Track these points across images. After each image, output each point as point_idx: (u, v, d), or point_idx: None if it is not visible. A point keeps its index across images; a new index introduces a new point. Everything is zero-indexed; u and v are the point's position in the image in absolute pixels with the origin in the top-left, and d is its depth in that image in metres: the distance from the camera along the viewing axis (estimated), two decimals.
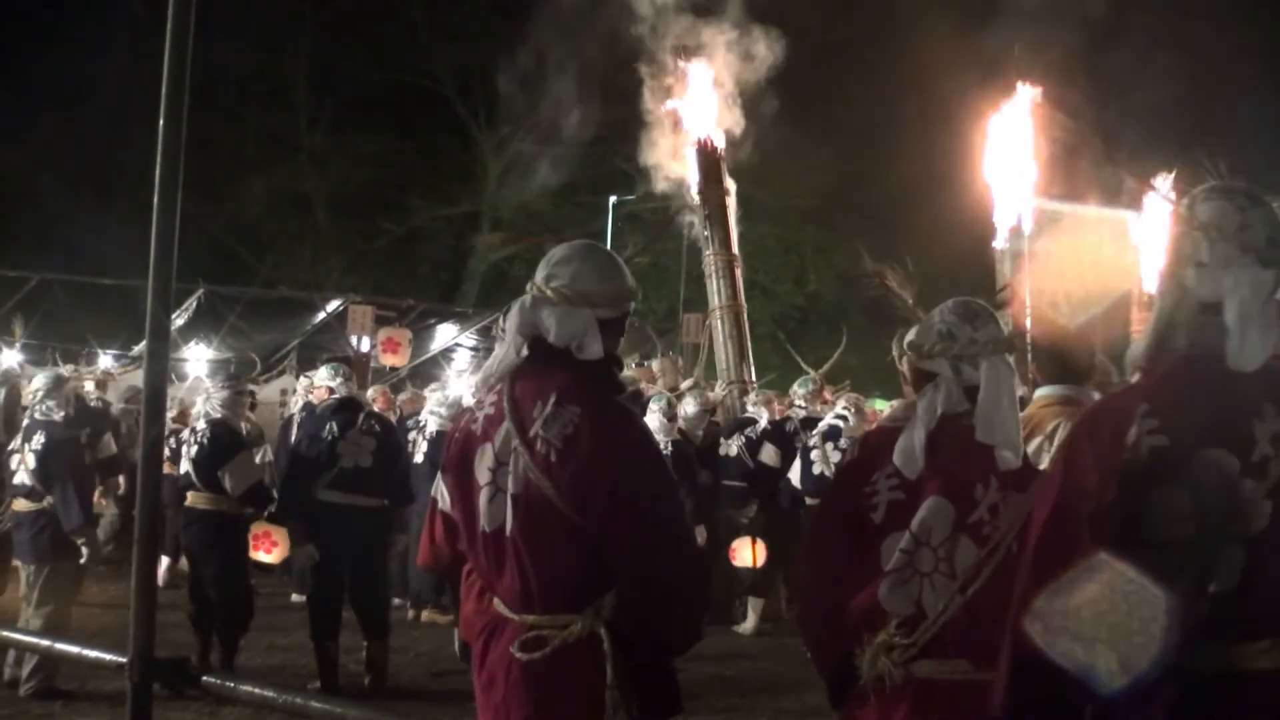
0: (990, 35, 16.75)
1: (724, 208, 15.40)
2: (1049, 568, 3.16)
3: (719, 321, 15.20)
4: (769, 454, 12.94)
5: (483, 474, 4.07)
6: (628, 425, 4.05)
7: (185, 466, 10.28)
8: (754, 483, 12.99)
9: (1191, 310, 3.20)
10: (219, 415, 10.25)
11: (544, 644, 3.89)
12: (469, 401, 4.56)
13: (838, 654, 3.80)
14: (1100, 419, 3.27)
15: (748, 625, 12.60)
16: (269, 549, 10.73)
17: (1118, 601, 3.07)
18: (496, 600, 4.07)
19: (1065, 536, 3.19)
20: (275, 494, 10.68)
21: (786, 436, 13.08)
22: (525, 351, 4.12)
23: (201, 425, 10.27)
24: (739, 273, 15.40)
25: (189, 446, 10.30)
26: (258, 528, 10.60)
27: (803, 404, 13.41)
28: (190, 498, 10.23)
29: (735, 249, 15.47)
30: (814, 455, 12.26)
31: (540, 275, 4.14)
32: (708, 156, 15.54)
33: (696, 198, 15.76)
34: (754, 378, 15.72)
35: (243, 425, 10.84)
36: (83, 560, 9.50)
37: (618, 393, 4.15)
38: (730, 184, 15.98)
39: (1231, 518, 3.03)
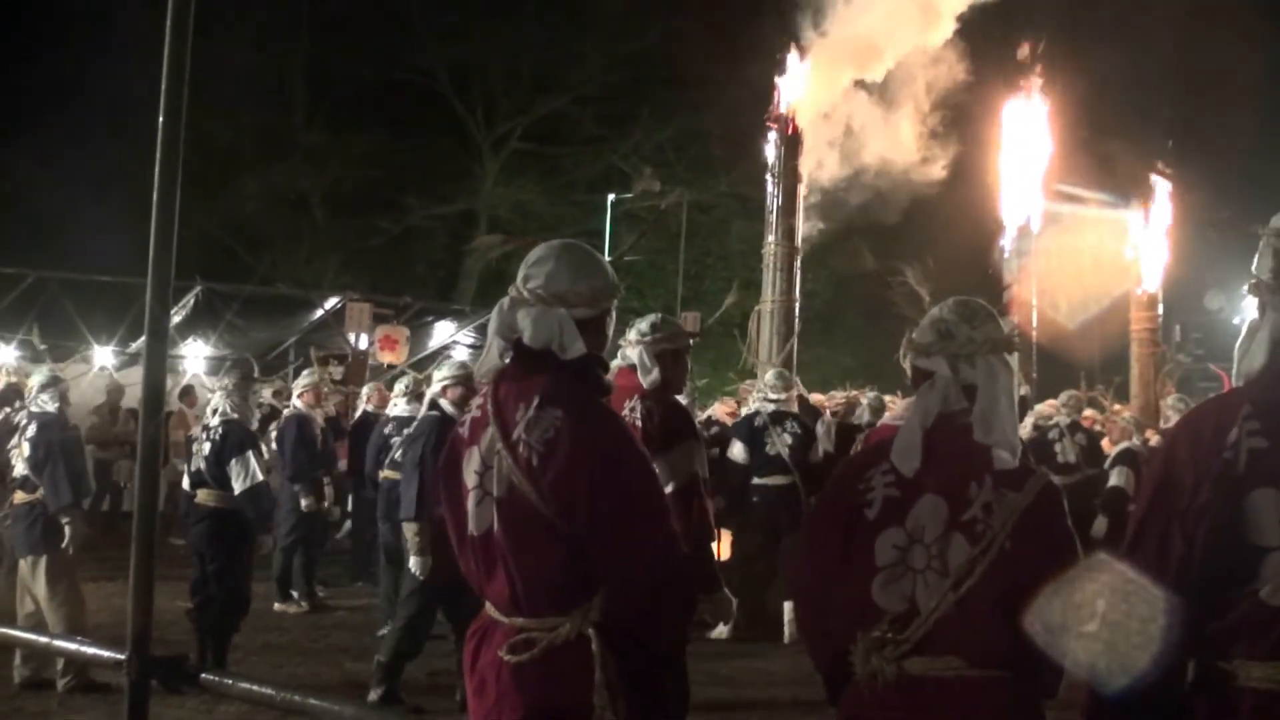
0: (997, 31, 16.73)
1: (794, 196, 15.08)
2: (1140, 564, 3.17)
3: (769, 316, 15.00)
4: (738, 451, 12.74)
5: (470, 477, 4.07)
6: (609, 428, 4.04)
7: (197, 463, 10.35)
8: (721, 479, 12.73)
9: None
10: (234, 414, 10.29)
11: (532, 646, 3.89)
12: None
13: (832, 650, 3.80)
14: (1203, 418, 3.27)
15: (721, 631, 11.97)
16: None
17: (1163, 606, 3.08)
18: (487, 604, 4.08)
19: (1158, 534, 3.20)
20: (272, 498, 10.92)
21: (755, 432, 12.80)
22: (509, 354, 4.12)
23: (214, 423, 10.33)
24: (798, 266, 15.16)
25: (200, 443, 10.39)
26: None
27: (774, 396, 13.12)
28: (200, 494, 10.29)
29: (799, 241, 15.23)
30: (765, 438, 12.62)
31: (519, 277, 4.14)
32: (787, 139, 15.25)
33: (769, 180, 15.47)
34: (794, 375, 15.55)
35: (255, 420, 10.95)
36: (65, 543, 9.58)
37: (601, 394, 4.15)
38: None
39: None
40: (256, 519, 10.27)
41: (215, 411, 10.46)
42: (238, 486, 10.01)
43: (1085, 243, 18.83)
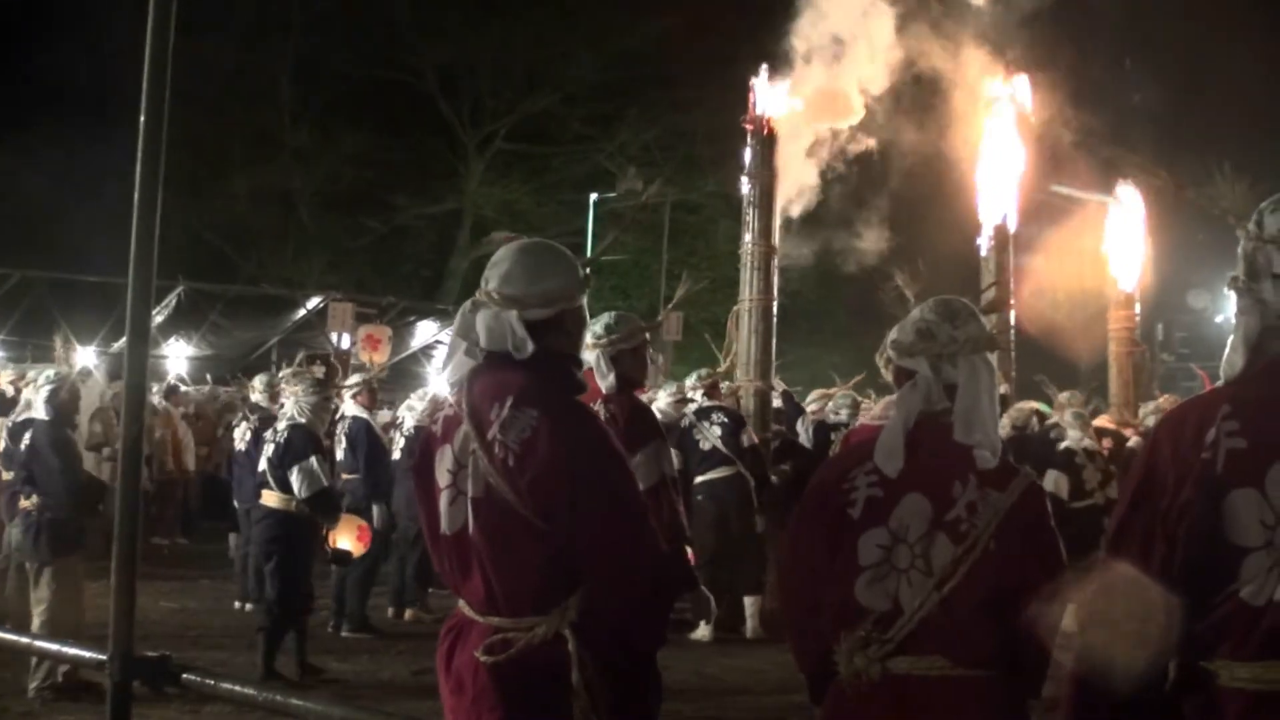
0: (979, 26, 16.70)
1: (771, 195, 15.07)
2: (1118, 565, 3.17)
3: (747, 315, 15.01)
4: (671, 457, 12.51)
5: (443, 476, 4.06)
6: (586, 427, 4.03)
7: (262, 465, 10.64)
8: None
9: (1272, 323, 3.20)
10: (302, 419, 10.49)
11: (509, 647, 3.87)
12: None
13: (817, 650, 3.80)
14: (1184, 417, 3.26)
15: (703, 632, 11.89)
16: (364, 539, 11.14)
17: (1149, 605, 3.08)
18: (462, 603, 4.07)
19: (1140, 534, 3.19)
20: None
21: (685, 433, 12.70)
22: (477, 354, 4.10)
23: (281, 426, 10.56)
24: (775, 265, 15.16)
25: (266, 445, 10.65)
26: (350, 519, 11.00)
27: (693, 396, 13.18)
28: (264, 495, 10.56)
29: (776, 240, 15.23)
30: (696, 435, 12.67)
31: (483, 278, 4.15)
32: (763, 140, 15.25)
33: (745, 181, 15.46)
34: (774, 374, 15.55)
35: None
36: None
37: (575, 392, 4.14)
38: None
39: None
40: (326, 519, 10.52)
41: (284, 415, 10.69)
42: (303, 493, 10.18)
43: (1070, 242, 18.82)
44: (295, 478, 10.16)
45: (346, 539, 10.76)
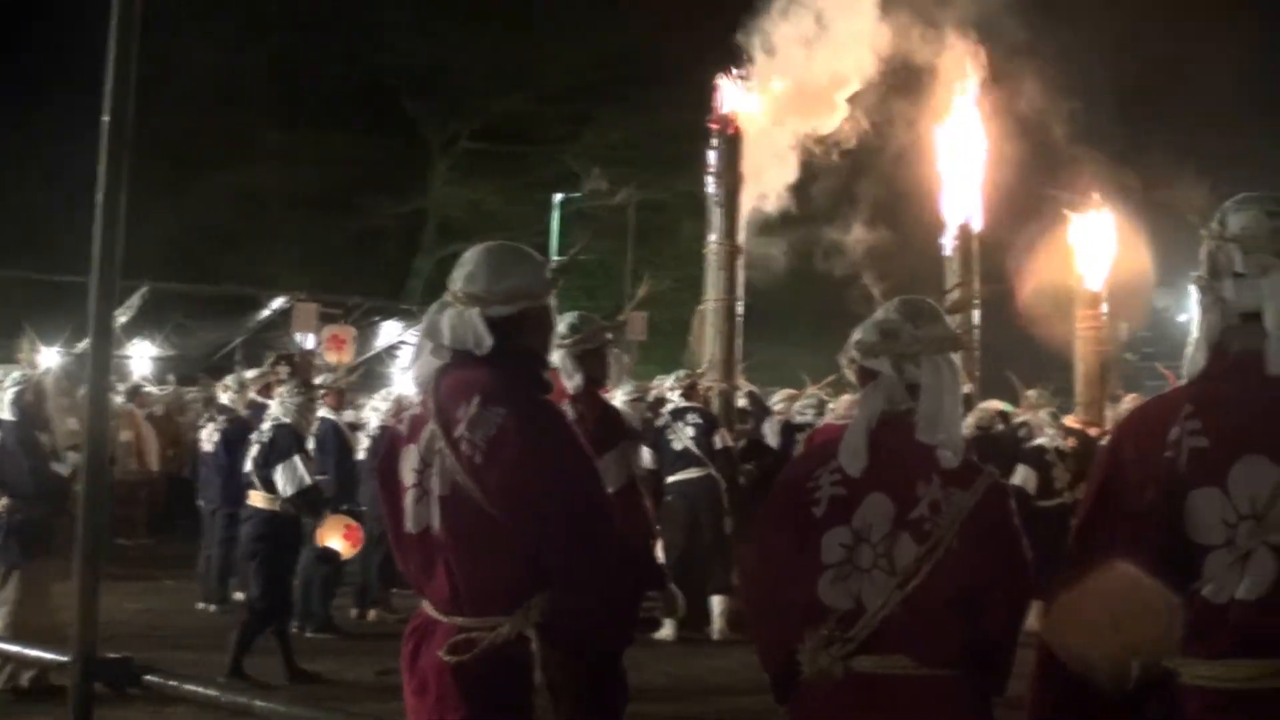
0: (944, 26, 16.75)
1: (736, 195, 15.08)
2: (1084, 564, 3.18)
3: (711, 315, 15.01)
4: (645, 456, 12.36)
5: (407, 475, 4.06)
6: (553, 426, 4.04)
7: (248, 465, 10.71)
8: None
9: (1233, 321, 3.22)
10: (287, 419, 10.60)
11: (473, 646, 3.86)
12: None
13: (781, 649, 3.80)
14: (1146, 416, 3.30)
15: (667, 632, 11.98)
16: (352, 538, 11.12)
17: (1129, 604, 3.09)
18: (426, 603, 4.07)
19: (1105, 534, 3.21)
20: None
21: (658, 433, 12.96)
22: (443, 354, 4.11)
23: (266, 426, 10.67)
24: (740, 265, 15.16)
25: (252, 446, 10.74)
26: (337, 519, 11.05)
27: (671, 397, 13.41)
28: (250, 496, 10.64)
29: (741, 240, 15.22)
30: (669, 435, 12.88)
31: (449, 279, 4.18)
32: (728, 139, 15.25)
33: (711, 181, 15.45)
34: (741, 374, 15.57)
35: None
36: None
37: (543, 392, 4.15)
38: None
39: (1268, 526, 3.03)
40: (312, 517, 10.68)
41: (269, 415, 10.80)
42: (287, 491, 10.28)
43: (1039, 241, 18.88)
44: (279, 476, 10.26)
45: (335, 538, 10.81)
